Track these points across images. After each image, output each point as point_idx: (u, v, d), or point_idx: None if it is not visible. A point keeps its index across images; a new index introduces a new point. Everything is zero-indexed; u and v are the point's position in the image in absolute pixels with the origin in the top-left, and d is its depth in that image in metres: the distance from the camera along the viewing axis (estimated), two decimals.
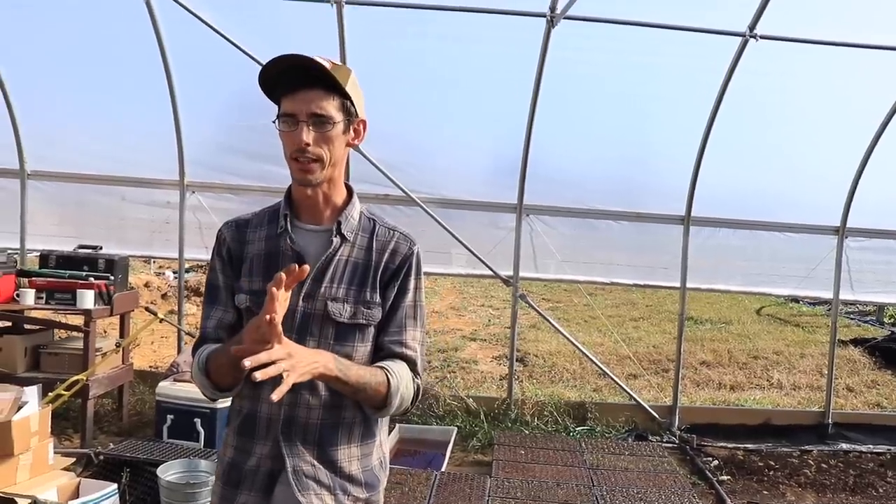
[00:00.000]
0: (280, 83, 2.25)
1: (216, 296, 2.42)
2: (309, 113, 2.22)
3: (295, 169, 2.27)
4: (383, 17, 7.10)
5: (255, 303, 2.30)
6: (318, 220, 2.38)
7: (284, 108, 2.25)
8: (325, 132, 2.25)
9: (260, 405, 2.31)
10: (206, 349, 2.31)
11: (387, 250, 2.40)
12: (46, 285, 6.65)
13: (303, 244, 2.35)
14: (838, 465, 7.30)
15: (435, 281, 20.08)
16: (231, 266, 2.41)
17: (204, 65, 7.47)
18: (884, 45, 6.92)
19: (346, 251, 2.36)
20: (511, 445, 7.14)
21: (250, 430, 2.33)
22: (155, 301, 13.58)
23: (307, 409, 2.30)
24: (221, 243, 2.44)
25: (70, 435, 6.83)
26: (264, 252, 2.37)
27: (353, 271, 2.35)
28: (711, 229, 8.07)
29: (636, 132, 7.80)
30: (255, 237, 2.41)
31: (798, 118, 7.57)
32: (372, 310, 2.35)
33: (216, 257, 2.45)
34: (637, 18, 6.82)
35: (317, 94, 2.23)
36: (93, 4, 7.10)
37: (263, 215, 2.46)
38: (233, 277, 2.40)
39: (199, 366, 2.29)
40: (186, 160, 7.91)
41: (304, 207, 2.38)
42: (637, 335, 13.89)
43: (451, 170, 8.07)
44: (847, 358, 12.10)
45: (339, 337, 2.31)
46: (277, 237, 2.37)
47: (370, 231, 2.42)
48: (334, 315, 2.30)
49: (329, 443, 2.32)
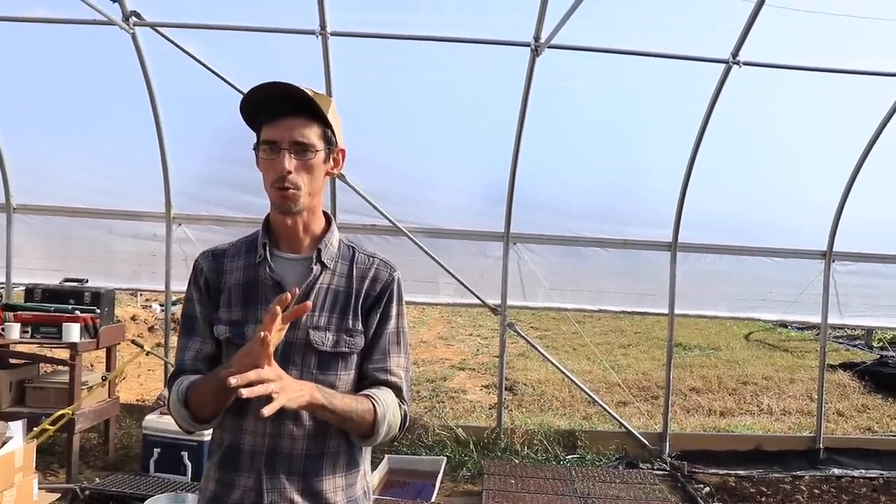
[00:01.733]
0: (262, 111, 2.24)
1: (193, 326, 2.38)
2: (291, 141, 2.21)
3: (276, 197, 2.25)
4: (369, 47, 7.13)
5: (234, 333, 2.28)
6: (298, 248, 2.36)
7: (266, 135, 2.24)
8: (307, 160, 2.24)
9: (243, 437, 2.27)
10: (185, 380, 2.27)
11: (367, 277, 2.38)
12: (32, 319, 6.59)
13: (282, 273, 2.31)
14: (830, 490, 7.27)
15: (423, 311, 20.08)
16: (208, 296, 2.37)
17: (190, 97, 7.48)
18: (866, 70, 7.00)
19: (326, 279, 2.34)
20: (501, 475, 7.09)
21: (233, 462, 2.29)
22: (142, 334, 13.53)
23: (291, 440, 2.25)
24: (198, 273, 2.40)
25: (55, 470, 6.74)
26: (242, 282, 2.34)
27: (334, 299, 2.33)
28: (698, 255, 8.10)
29: (622, 159, 7.85)
30: (232, 267, 2.38)
31: (783, 143, 7.64)
32: (354, 338, 2.32)
33: (193, 287, 2.41)
34: (621, 47, 6.87)
35: (299, 122, 2.22)
36: (78, 38, 7.10)
37: (241, 245, 2.43)
38: (210, 308, 2.37)
39: (179, 396, 2.25)
40: (173, 192, 7.89)
41: (284, 236, 2.36)
42: (626, 362, 13.90)
43: (438, 199, 8.09)
44: (837, 382, 12.14)
45: (321, 366, 2.28)
46: (256, 266, 2.34)
47: (350, 259, 2.40)
48: (316, 344, 2.27)
49: (314, 473, 2.28)
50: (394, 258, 2.49)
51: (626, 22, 6.85)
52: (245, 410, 2.24)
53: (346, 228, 7.65)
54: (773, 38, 6.74)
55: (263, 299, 2.29)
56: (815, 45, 6.87)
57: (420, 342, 16.03)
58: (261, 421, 2.21)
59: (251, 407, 2.21)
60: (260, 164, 2.28)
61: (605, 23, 6.67)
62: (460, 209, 8.13)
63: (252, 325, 2.26)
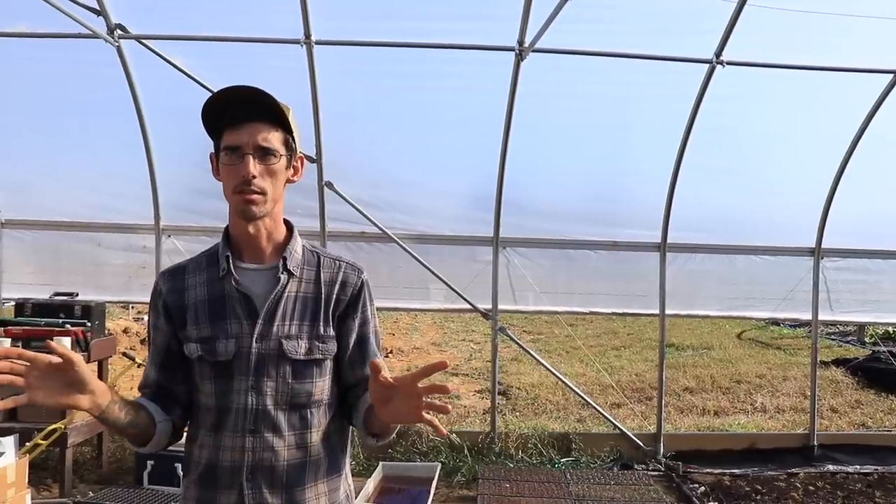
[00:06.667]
0: (223, 116, 2.20)
1: (150, 351, 2.38)
2: (255, 145, 2.18)
3: (238, 202, 2.21)
4: (354, 55, 7.12)
5: (206, 350, 2.24)
6: (261, 258, 2.31)
7: (228, 140, 2.20)
8: (270, 165, 2.21)
9: (221, 454, 2.24)
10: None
11: (336, 282, 2.35)
12: (22, 334, 6.54)
13: (248, 285, 2.27)
14: (826, 486, 7.29)
15: (415, 317, 20.07)
16: (168, 318, 2.32)
17: (177, 109, 7.44)
18: (850, 67, 7.04)
19: (294, 287, 2.30)
20: (496, 479, 7.09)
21: (212, 480, 2.25)
22: (134, 346, 13.47)
23: (272, 452, 2.22)
24: (157, 295, 2.35)
25: (49, 484, 6.72)
26: (207, 297, 2.29)
27: (303, 307, 2.29)
28: (688, 255, 8.12)
29: (609, 162, 7.88)
30: (195, 282, 2.33)
31: (769, 142, 7.66)
32: (328, 344, 2.30)
33: (151, 310, 2.38)
34: (605, 49, 6.89)
35: (263, 127, 2.20)
36: (63, 52, 7.08)
37: (200, 259, 2.38)
38: (168, 332, 2.32)
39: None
40: (161, 204, 7.89)
41: (247, 247, 2.31)
42: (619, 364, 13.91)
43: (427, 205, 8.08)
44: (830, 379, 12.17)
45: (296, 375, 2.26)
46: (220, 280, 2.29)
47: (316, 264, 2.37)
48: (289, 353, 2.24)
49: (297, 483, 2.25)
50: (384, 265, 2.50)
51: (610, 25, 6.86)
52: (221, 426, 2.24)
53: (335, 236, 7.69)
54: (756, 37, 6.77)
55: (232, 313, 2.25)
56: (799, 44, 6.90)
57: (413, 348, 16.00)
58: (239, 436, 2.21)
59: (228, 422, 2.23)
60: (220, 171, 2.25)
61: (588, 26, 6.69)
62: (449, 215, 8.12)
63: (222, 340, 2.23)
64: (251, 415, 2.21)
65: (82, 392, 1.98)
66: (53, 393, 1.94)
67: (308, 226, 7.59)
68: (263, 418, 2.22)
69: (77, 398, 1.98)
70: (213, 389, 2.24)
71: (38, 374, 1.92)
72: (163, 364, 2.33)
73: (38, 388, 1.92)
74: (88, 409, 2.00)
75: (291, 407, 2.25)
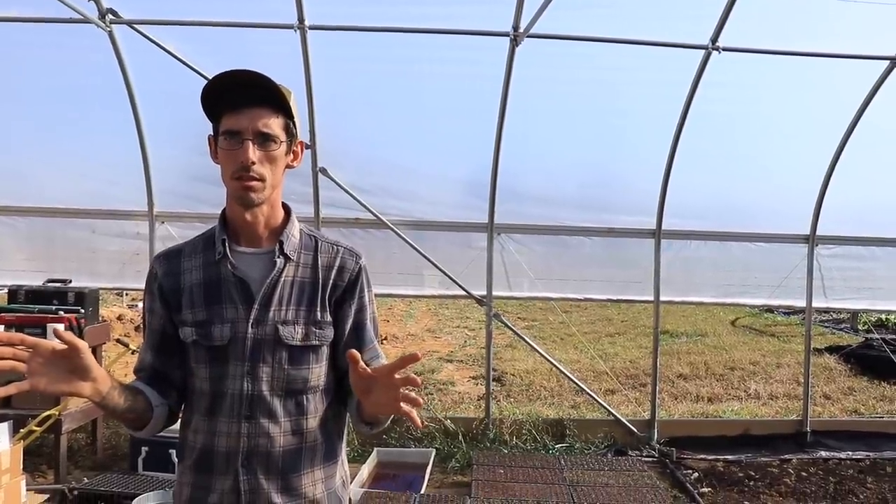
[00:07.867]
0: (223, 100, 2.16)
1: (146, 334, 2.36)
2: (255, 131, 2.15)
3: (237, 188, 2.18)
4: (348, 40, 7.08)
5: (201, 335, 2.23)
6: (258, 243, 2.28)
7: (228, 125, 2.15)
8: (270, 151, 2.18)
9: (216, 439, 2.22)
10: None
11: (333, 267, 2.32)
12: (16, 321, 6.53)
13: (244, 269, 2.25)
14: (818, 472, 7.32)
15: (410, 303, 20.09)
16: (163, 302, 2.30)
17: (170, 94, 7.42)
18: (846, 53, 7.02)
19: (290, 271, 2.27)
20: (490, 465, 7.10)
21: (207, 465, 2.24)
22: (128, 333, 13.46)
23: (268, 438, 2.21)
24: (153, 278, 2.33)
25: (43, 471, 6.72)
26: (203, 281, 2.27)
27: (300, 291, 2.27)
28: (683, 242, 8.11)
29: (605, 148, 7.88)
30: (190, 265, 2.30)
31: (764, 128, 7.65)
32: (324, 330, 2.28)
33: (147, 293, 2.35)
34: (601, 35, 6.86)
35: (263, 113, 2.16)
36: (54, 37, 7.03)
37: (197, 242, 2.35)
38: (163, 316, 2.30)
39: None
40: (155, 190, 7.85)
41: (243, 231, 2.27)
42: (613, 351, 13.94)
43: (422, 191, 8.06)
44: (823, 366, 12.21)
45: (292, 360, 2.24)
46: (216, 264, 2.26)
47: (313, 248, 2.34)
48: (286, 338, 2.22)
49: (293, 469, 2.24)
50: (378, 251, 2.48)
51: (606, 10, 6.83)
52: (216, 411, 2.22)
53: (329, 222, 7.67)
54: (752, 23, 6.74)
55: (227, 298, 2.23)
56: (795, 30, 6.89)
57: (408, 335, 16.04)
58: (235, 421, 2.20)
59: (223, 407, 2.22)
60: (218, 155, 2.22)
61: (584, 11, 6.68)
62: (444, 201, 8.11)
63: (218, 324, 2.22)
64: (246, 400, 2.20)
65: (85, 379, 1.97)
66: (56, 380, 1.93)
67: (302, 212, 7.56)
68: (259, 404, 2.20)
69: (80, 385, 1.97)
70: (208, 374, 2.23)
71: (42, 361, 1.91)
72: (158, 348, 2.32)
73: (41, 375, 1.91)
74: (90, 395, 2.00)
75: (287, 393, 2.24)
